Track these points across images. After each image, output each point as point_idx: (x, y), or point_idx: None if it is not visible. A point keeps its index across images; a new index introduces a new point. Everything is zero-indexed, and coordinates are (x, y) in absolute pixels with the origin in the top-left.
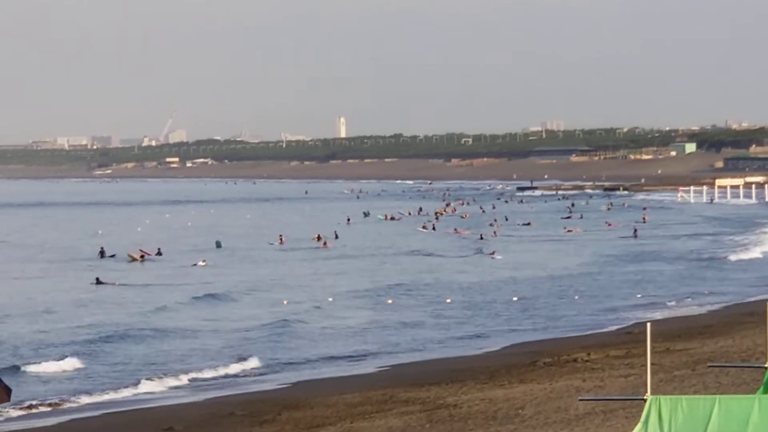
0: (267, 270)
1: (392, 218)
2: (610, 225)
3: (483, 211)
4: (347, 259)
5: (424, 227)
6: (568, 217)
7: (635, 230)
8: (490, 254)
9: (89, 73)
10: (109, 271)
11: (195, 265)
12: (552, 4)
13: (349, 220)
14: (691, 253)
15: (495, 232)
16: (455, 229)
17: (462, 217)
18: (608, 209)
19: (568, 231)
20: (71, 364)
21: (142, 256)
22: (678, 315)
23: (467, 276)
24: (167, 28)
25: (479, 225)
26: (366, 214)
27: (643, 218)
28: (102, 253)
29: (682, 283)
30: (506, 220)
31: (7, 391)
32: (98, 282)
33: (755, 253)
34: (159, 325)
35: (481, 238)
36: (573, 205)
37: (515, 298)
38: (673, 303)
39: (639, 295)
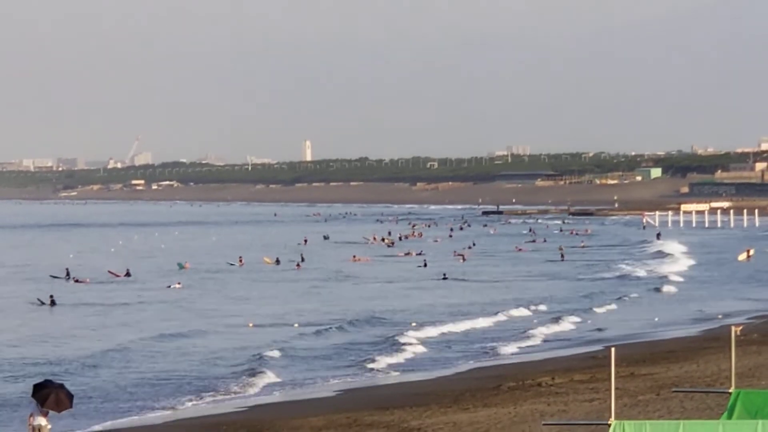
0: (239, 292)
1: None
2: (520, 250)
3: (451, 236)
4: (319, 281)
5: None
6: (533, 241)
7: (562, 254)
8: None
9: (55, 94)
10: (70, 293)
11: (170, 287)
12: (512, 31)
13: (306, 241)
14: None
15: (463, 257)
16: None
17: (435, 241)
18: (572, 234)
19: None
20: None
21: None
22: (643, 340)
23: (425, 300)
24: (132, 51)
25: (448, 250)
26: (326, 238)
27: (582, 244)
28: (68, 275)
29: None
30: (474, 245)
31: (70, 397)
32: (52, 302)
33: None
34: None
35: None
36: (531, 230)
37: None
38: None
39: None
